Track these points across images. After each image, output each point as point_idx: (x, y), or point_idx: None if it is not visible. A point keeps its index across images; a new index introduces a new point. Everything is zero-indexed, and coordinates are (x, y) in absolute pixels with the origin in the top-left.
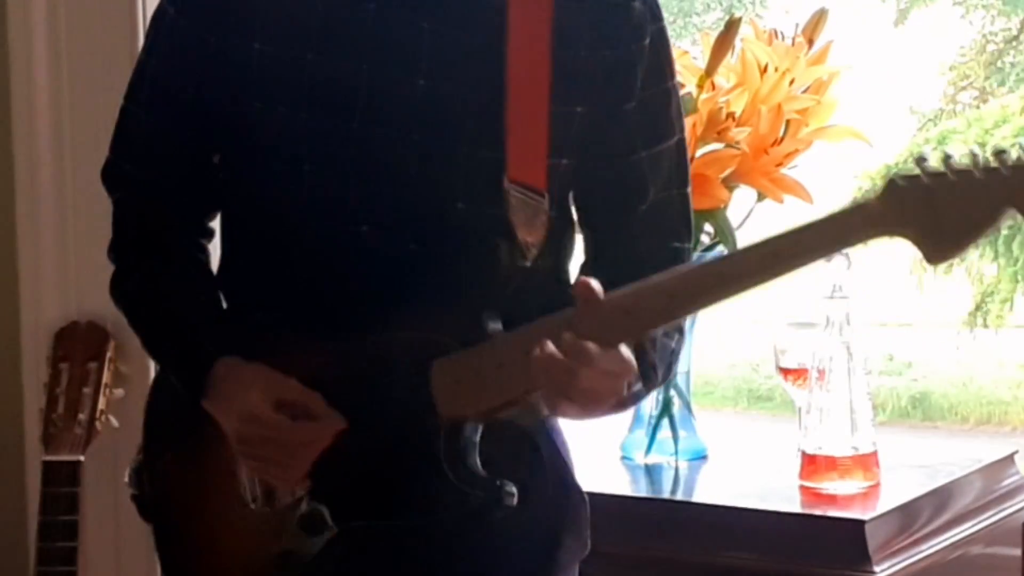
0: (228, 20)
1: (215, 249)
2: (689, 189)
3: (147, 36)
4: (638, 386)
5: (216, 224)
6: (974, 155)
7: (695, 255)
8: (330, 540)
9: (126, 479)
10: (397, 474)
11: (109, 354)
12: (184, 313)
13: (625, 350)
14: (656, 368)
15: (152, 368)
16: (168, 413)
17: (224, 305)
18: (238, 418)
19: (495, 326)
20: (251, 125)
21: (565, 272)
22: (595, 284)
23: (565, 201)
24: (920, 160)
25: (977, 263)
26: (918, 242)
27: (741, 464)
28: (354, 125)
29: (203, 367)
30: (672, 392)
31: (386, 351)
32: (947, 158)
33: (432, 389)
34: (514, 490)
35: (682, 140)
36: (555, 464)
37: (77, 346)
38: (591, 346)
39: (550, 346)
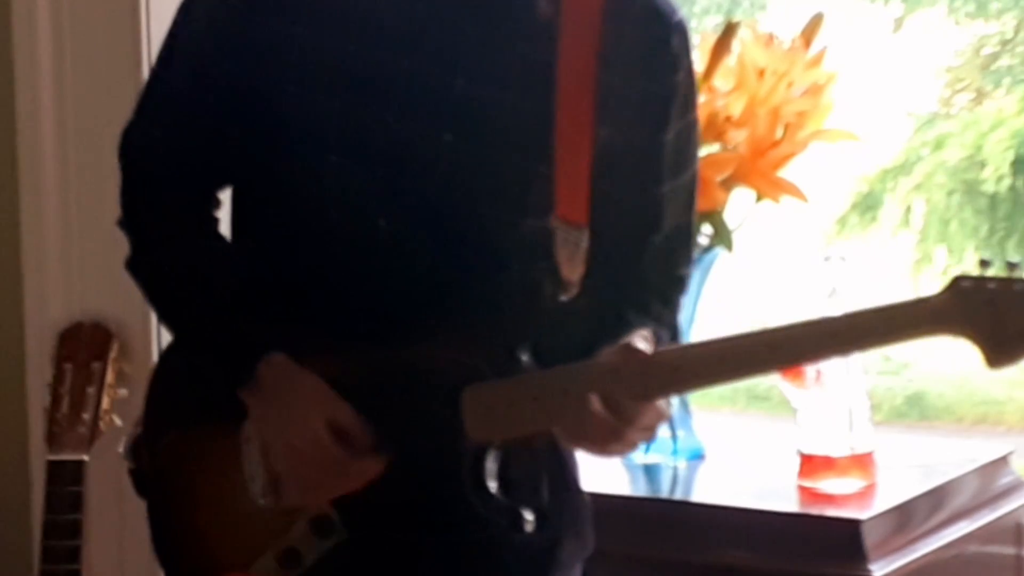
0: (275, 3)
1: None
2: (694, 217)
3: (182, 6)
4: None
5: (224, 196)
6: None
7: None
8: (335, 545)
9: (121, 450)
10: (416, 491)
11: (113, 354)
12: (229, 294)
13: (661, 401)
14: None
15: None
16: (175, 390)
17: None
18: (296, 434)
19: (527, 358)
20: (282, 107)
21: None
22: (647, 343)
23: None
24: (984, 264)
25: (974, 265)
26: (980, 344)
27: (739, 464)
28: (387, 118)
29: (252, 356)
30: None
31: (419, 367)
32: (1011, 267)
33: (463, 412)
34: (532, 516)
35: (696, 171)
36: (554, 463)
37: (81, 346)
38: (635, 407)
39: (598, 404)
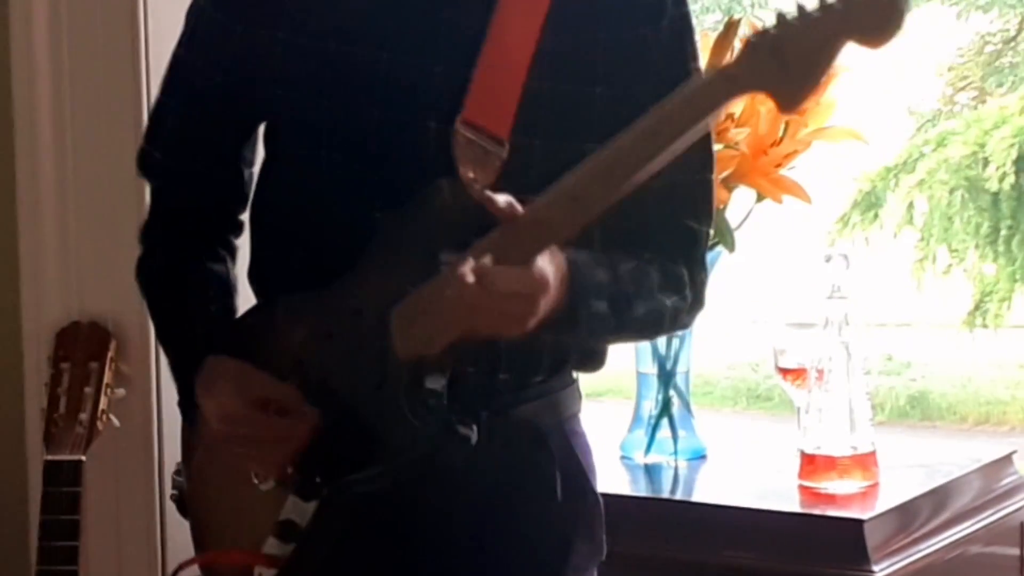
0: (256, 11)
1: (244, 243)
2: (712, 175)
3: (183, 31)
4: (600, 305)
5: (245, 218)
6: None
7: None
8: (328, 515)
9: (172, 489)
10: (370, 427)
11: (110, 354)
12: (191, 313)
13: (540, 266)
14: (632, 301)
15: (153, 368)
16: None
17: (255, 297)
18: (215, 417)
19: (451, 258)
20: (274, 113)
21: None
22: (512, 200)
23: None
24: (779, 15)
25: (976, 263)
26: (772, 93)
27: (740, 464)
28: (373, 112)
29: (193, 369)
30: (671, 392)
31: (359, 306)
32: (799, 8)
33: (391, 334)
34: (472, 428)
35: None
36: (569, 466)
37: (78, 346)
38: (492, 268)
39: (469, 271)
